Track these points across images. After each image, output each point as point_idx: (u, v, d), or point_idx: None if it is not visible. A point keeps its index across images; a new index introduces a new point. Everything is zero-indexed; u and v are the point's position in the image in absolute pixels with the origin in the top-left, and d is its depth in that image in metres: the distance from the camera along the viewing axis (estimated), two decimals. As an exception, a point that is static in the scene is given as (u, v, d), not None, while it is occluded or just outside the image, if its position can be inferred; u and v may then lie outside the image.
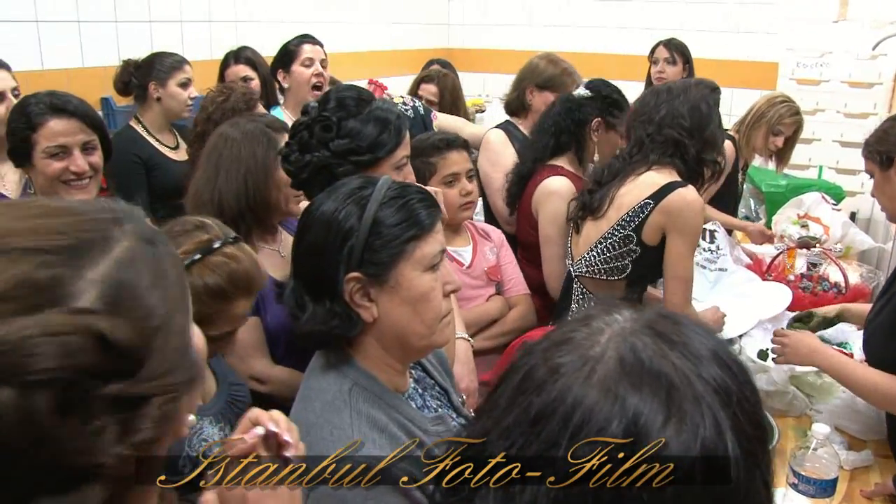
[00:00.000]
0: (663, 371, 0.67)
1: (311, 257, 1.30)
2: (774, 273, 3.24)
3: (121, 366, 0.58)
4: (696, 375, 0.68)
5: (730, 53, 5.37)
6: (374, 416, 1.28)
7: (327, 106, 1.84)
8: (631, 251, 2.32)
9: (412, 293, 1.30)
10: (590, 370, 0.69)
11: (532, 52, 3.52)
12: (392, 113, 1.87)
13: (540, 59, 3.33)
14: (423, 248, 1.31)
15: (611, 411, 0.65)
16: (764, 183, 4.09)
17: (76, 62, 3.57)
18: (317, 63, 3.39)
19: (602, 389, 0.67)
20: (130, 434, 0.58)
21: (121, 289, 0.60)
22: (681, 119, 2.30)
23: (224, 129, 2.18)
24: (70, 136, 2.07)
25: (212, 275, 1.49)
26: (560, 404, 0.67)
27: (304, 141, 1.82)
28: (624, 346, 0.70)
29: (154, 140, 3.25)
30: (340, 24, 5.17)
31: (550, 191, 2.72)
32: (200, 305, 1.47)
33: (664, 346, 0.70)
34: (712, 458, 0.64)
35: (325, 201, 1.32)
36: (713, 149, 2.35)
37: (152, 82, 3.22)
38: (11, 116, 2.11)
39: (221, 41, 4.11)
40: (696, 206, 2.26)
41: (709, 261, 3.10)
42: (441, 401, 1.52)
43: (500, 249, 2.64)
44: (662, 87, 2.44)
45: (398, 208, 1.30)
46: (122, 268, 0.61)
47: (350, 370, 1.33)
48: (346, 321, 1.29)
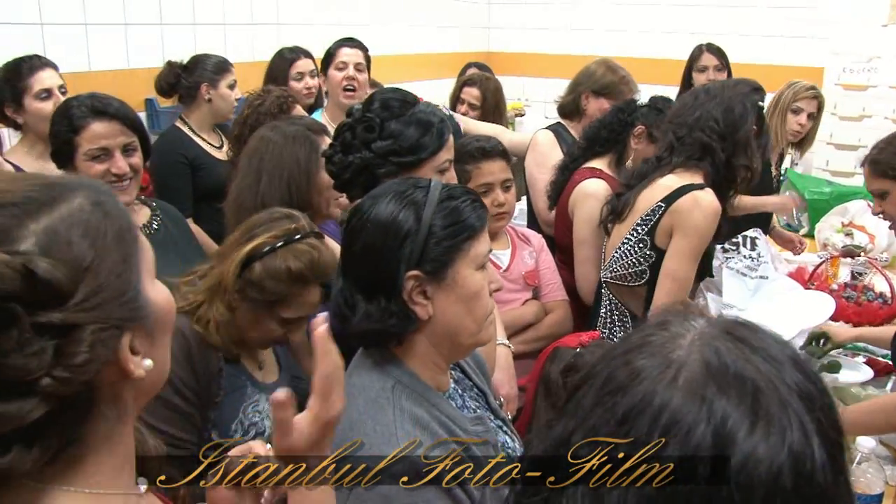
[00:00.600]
0: (748, 375, 0.67)
1: (367, 258, 1.32)
2: (817, 282, 3.18)
3: (48, 297, 0.70)
4: (780, 380, 0.68)
5: (772, 58, 5.29)
6: (416, 414, 1.29)
7: (371, 107, 1.86)
8: (647, 256, 2.29)
9: (467, 291, 1.33)
10: (675, 373, 0.69)
11: (571, 56, 3.52)
12: (435, 116, 1.89)
13: (598, 65, 3.31)
14: (476, 246, 1.34)
15: (698, 414, 0.66)
16: (807, 190, 4.02)
17: (122, 64, 3.63)
18: (350, 67, 3.41)
19: (688, 392, 0.67)
20: (66, 357, 0.70)
21: (55, 238, 0.72)
22: (712, 122, 2.25)
23: (265, 132, 2.19)
24: (111, 138, 2.09)
25: (295, 260, 1.61)
26: (647, 406, 0.68)
27: (346, 142, 1.84)
28: (708, 350, 0.70)
29: (200, 140, 3.30)
30: (380, 26, 5.20)
31: (587, 193, 2.71)
32: (280, 286, 1.61)
33: (746, 350, 0.70)
34: (800, 463, 0.64)
35: (377, 204, 1.33)
36: (745, 152, 2.28)
37: (205, 84, 3.27)
38: (54, 119, 2.14)
39: (264, 43, 4.16)
40: (707, 209, 2.20)
41: (749, 268, 3.05)
42: (479, 402, 1.53)
43: (539, 254, 2.62)
44: (701, 89, 2.39)
45: (454, 209, 1.33)
46: (61, 222, 0.74)
47: (393, 368, 1.35)
48: (404, 319, 1.31)
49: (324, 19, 4.70)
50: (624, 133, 2.78)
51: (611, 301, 2.47)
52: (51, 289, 0.70)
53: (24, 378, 0.68)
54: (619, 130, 2.78)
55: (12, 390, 0.68)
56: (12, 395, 0.68)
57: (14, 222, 0.72)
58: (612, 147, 2.81)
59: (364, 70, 3.49)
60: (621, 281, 2.38)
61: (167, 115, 3.64)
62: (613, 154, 2.81)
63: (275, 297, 1.63)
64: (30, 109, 2.65)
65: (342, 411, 0.99)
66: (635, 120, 2.75)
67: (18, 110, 2.66)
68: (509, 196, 2.49)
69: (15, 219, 0.72)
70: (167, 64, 3.33)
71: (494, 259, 2.49)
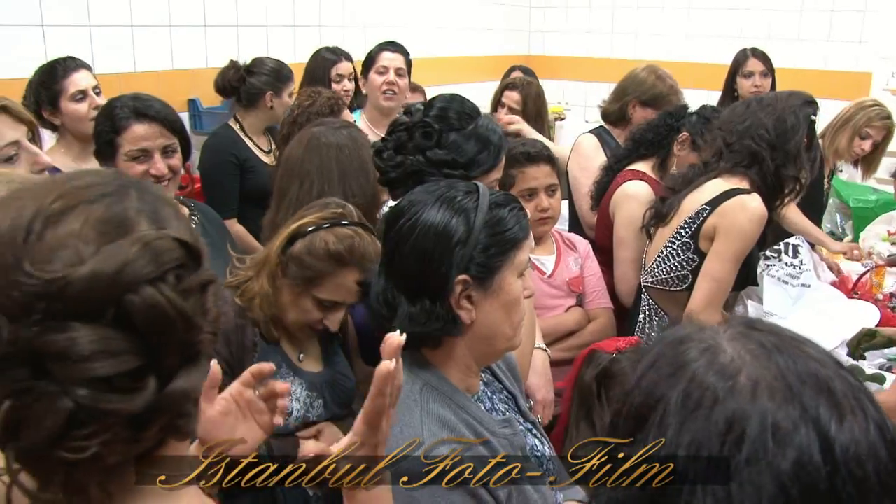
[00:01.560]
0: (814, 372, 0.71)
1: (416, 260, 1.32)
2: (861, 291, 3.11)
3: (194, 258, 0.74)
4: (836, 374, 0.72)
5: (817, 63, 5.21)
6: (443, 416, 1.31)
7: (430, 112, 1.87)
8: (689, 259, 2.27)
9: (508, 297, 1.36)
10: (752, 388, 0.71)
11: (613, 59, 3.50)
12: (495, 134, 1.89)
13: (647, 73, 3.28)
14: (520, 255, 1.37)
15: (797, 417, 0.69)
16: (852, 198, 3.94)
17: (166, 65, 3.69)
18: (391, 72, 3.43)
19: (779, 401, 0.70)
20: (209, 314, 0.75)
21: (157, 213, 0.76)
22: (763, 131, 2.23)
23: (315, 136, 2.17)
24: (151, 140, 2.12)
25: (335, 240, 1.69)
26: (745, 422, 0.70)
27: (400, 141, 1.86)
28: (758, 357, 0.73)
29: (251, 142, 3.34)
30: (422, 29, 5.21)
31: (628, 194, 2.71)
32: (318, 264, 1.67)
33: (794, 348, 0.74)
34: (886, 434, 0.69)
35: (426, 209, 1.34)
36: (795, 163, 2.25)
37: (270, 92, 3.32)
38: (98, 119, 2.17)
39: (305, 45, 4.20)
40: (753, 214, 2.17)
41: (791, 276, 3.00)
42: (509, 405, 1.54)
43: (584, 260, 2.60)
44: (754, 98, 2.38)
45: (502, 217, 1.35)
46: (152, 203, 0.77)
47: (421, 371, 1.37)
48: (449, 323, 1.33)
49: (365, 21, 4.73)
50: (669, 138, 2.77)
51: (650, 306, 2.44)
52: (197, 253, 0.75)
53: (208, 336, 0.74)
54: (666, 134, 2.78)
55: (195, 353, 0.74)
56: (196, 359, 0.74)
57: (123, 211, 0.74)
58: (656, 150, 2.80)
59: (405, 75, 3.50)
60: (662, 286, 2.36)
61: (210, 116, 3.70)
62: (658, 158, 2.80)
63: (311, 275, 1.68)
64: (66, 111, 2.69)
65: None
66: (682, 126, 2.74)
67: (55, 112, 2.70)
68: (554, 201, 2.47)
69: (122, 207, 0.74)
70: (231, 64, 3.37)
71: (539, 264, 2.48)
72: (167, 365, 0.70)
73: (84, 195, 0.73)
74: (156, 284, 0.69)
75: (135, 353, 0.68)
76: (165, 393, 0.70)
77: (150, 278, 0.69)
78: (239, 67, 3.35)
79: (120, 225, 0.72)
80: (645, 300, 2.46)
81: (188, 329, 0.71)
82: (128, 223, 0.73)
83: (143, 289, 0.68)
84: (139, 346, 0.68)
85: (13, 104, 1.77)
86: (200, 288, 0.74)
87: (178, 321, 0.70)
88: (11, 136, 1.73)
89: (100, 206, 0.73)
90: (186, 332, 0.71)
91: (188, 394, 0.73)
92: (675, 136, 2.76)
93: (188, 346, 0.72)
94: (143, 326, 0.68)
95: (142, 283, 0.69)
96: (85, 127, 2.56)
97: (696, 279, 2.27)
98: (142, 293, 0.68)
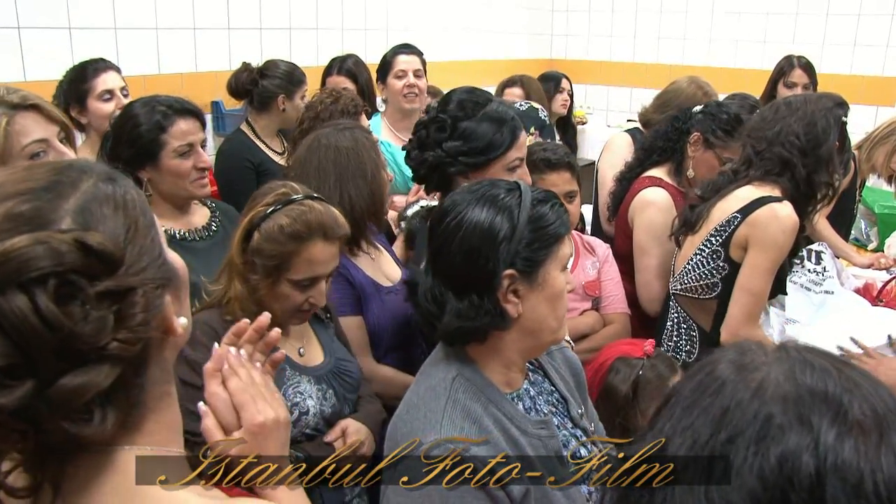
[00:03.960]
0: (830, 388, 0.70)
1: (464, 257, 1.36)
2: (886, 299, 3.08)
3: (103, 265, 0.74)
4: (864, 398, 0.70)
5: (844, 68, 5.16)
6: (469, 408, 1.34)
7: (445, 107, 1.95)
8: (720, 268, 2.24)
9: (553, 290, 1.39)
10: (760, 385, 0.72)
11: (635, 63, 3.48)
12: (507, 114, 1.95)
13: (688, 83, 3.26)
14: (562, 248, 1.40)
15: (793, 419, 0.69)
16: (877, 204, 3.90)
17: (190, 67, 3.73)
18: (409, 74, 3.43)
19: (781, 403, 0.70)
20: (127, 319, 0.75)
21: (90, 214, 0.77)
22: (793, 137, 2.18)
23: (327, 139, 2.15)
24: (194, 134, 2.18)
25: (289, 220, 1.64)
26: (740, 411, 0.71)
27: (422, 139, 1.97)
28: (789, 363, 0.74)
29: (264, 146, 3.35)
30: (443, 32, 5.23)
31: (647, 201, 2.69)
32: (278, 247, 1.64)
33: (828, 365, 0.74)
34: None
35: (470, 208, 1.38)
36: (827, 168, 2.21)
37: (282, 95, 3.32)
38: (140, 119, 2.16)
39: (328, 48, 4.22)
40: (786, 223, 2.14)
41: (814, 283, 2.97)
42: (556, 408, 1.54)
43: (602, 265, 2.59)
44: (783, 102, 2.32)
45: (545, 212, 1.38)
46: (90, 199, 0.78)
47: (457, 361, 1.41)
48: (497, 317, 1.36)
49: (388, 25, 4.75)
50: (681, 141, 2.75)
51: (679, 314, 2.42)
52: (105, 258, 0.74)
53: (95, 345, 0.72)
54: (676, 139, 2.76)
55: (86, 359, 0.72)
56: (87, 364, 0.72)
57: (48, 205, 0.75)
58: (670, 156, 2.78)
59: (422, 75, 3.51)
60: (692, 294, 2.34)
61: (233, 118, 3.72)
62: (672, 163, 2.78)
63: (277, 261, 1.66)
64: (92, 109, 2.74)
65: (271, 416, 1.09)
66: (691, 127, 2.72)
67: (82, 111, 2.75)
68: (573, 207, 2.47)
69: (48, 202, 0.76)
70: (244, 67, 3.38)
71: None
72: (45, 367, 0.70)
73: (19, 188, 0.76)
74: (28, 288, 0.69)
75: (6, 353, 0.69)
76: (48, 392, 0.70)
77: (22, 281, 0.69)
78: (252, 70, 3.35)
79: (29, 222, 0.73)
80: (673, 307, 2.44)
81: (67, 337, 0.70)
82: (40, 221, 0.74)
83: (10, 293, 0.68)
84: (10, 346, 0.69)
85: (46, 104, 1.79)
86: (104, 295, 0.73)
87: (44, 330, 0.69)
88: (40, 134, 1.74)
89: (24, 201, 0.75)
90: (65, 339, 0.70)
91: (76, 395, 0.72)
92: (685, 139, 2.73)
93: (72, 351, 0.71)
94: (7, 330, 0.69)
95: (11, 286, 0.69)
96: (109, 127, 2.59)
97: (725, 288, 2.25)
98: (8, 297, 0.68)
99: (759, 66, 5.42)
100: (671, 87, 3.32)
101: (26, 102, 1.73)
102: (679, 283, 2.37)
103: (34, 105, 1.75)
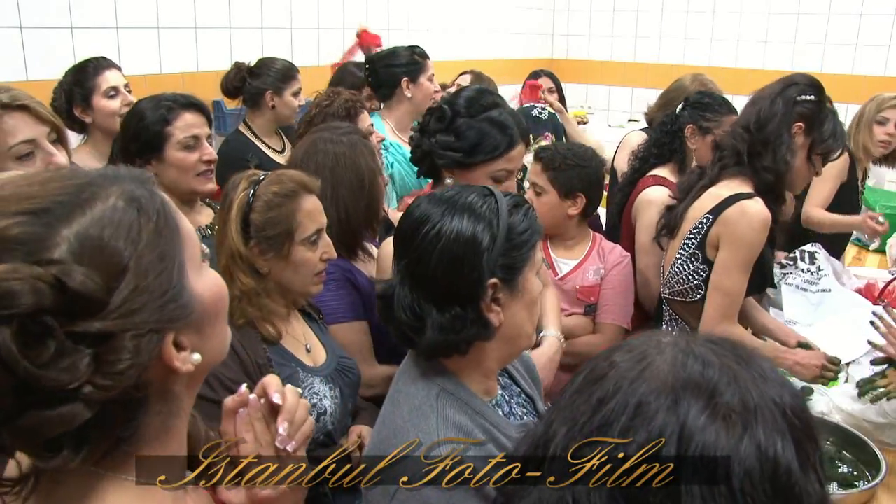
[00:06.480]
0: (711, 376, 0.73)
1: (445, 268, 1.31)
2: (888, 299, 3.07)
3: (82, 307, 0.69)
4: (749, 383, 0.73)
5: (846, 68, 5.16)
6: (459, 422, 1.30)
7: (455, 100, 2.00)
8: (700, 270, 2.23)
9: (532, 296, 1.37)
10: (640, 373, 0.74)
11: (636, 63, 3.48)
12: (509, 123, 1.95)
13: (693, 83, 3.26)
14: (537, 253, 1.38)
15: (666, 410, 0.71)
16: (879, 204, 3.90)
17: (191, 66, 3.74)
18: (434, 79, 3.39)
19: (657, 389, 0.72)
20: (106, 365, 0.70)
21: (89, 243, 0.71)
22: (741, 127, 2.19)
23: (324, 143, 2.15)
24: (199, 127, 2.21)
25: (273, 186, 1.72)
26: (617, 393, 0.74)
27: (424, 125, 2.02)
28: (679, 350, 0.76)
29: (262, 144, 3.34)
30: (447, 32, 5.23)
31: (649, 200, 2.70)
32: (282, 210, 1.70)
33: (721, 354, 0.75)
34: (765, 458, 0.69)
35: (447, 217, 1.33)
36: (768, 149, 2.16)
37: (269, 91, 3.30)
38: (146, 113, 2.19)
39: (329, 48, 4.22)
40: (754, 219, 2.11)
41: (809, 283, 2.97)
42: (527, 408, 1.53)
43: (609, 272, 2.49)
44: (756, 94, 2.29)
45: (521, 217, 1.36)
46: (94, 225, 0.72)
47: (438, 377, 1.36)
48: (481, 327, 1.32)
49: (390, 25, 4.75)
50: (675, 142, 2.77)
51: (671, 316, 2.42)
52: (85, 300, 0.69)
53: (63, 388, 0.68)
54: (670, 142, 2.77)
55: (55, 397, 0.68)
56: (56, 402, 0.68)
57: (46, 230, 0.70)
58: (670, 157, 2.80)
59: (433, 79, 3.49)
60: (679, 297, 2.34)
61: (234, 118, 3.72)
62: (676, 161, 2.80)
63: (285, 225, 1.71)
64: (97, 107, 2.73)
65: None
66: (682, 125, 2.75)
67: (87, 110, 2.73)
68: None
69: (47, 226, 0.70)
70: (234, 65, 3.37)
71: (556, 265, 2.47)
72: (3, 402, 0.67)
73: (21, 206, 0.71)
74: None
75: None
76: (7, 427, 0.68)
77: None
78: (241, 68, 3.33)
79: (20, 247, 0.69)
80: (665, 310, 2.44)
81: (28, 377, 0.66)
82: (29, 248, 0.69)
83: None
84: None
85: (36, 104, 1.77)
86: (81, 338, 0.69)
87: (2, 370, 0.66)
88: (28, 135, 1.72)
89: (19, 223, 0.70)
90: (27, 379, 0.66)
91: (35, 433, 0.69)
92: (681, 137, 2.75)
93: (37, 390, 0.67)
94: None
95: None
96: (116, 124, 2.59)
97: (707, 288, 2.24)
98: None
99: (761, 67, 5.43)
100: (675, 84, 3.33)
101: (15, 102, 1.72)
102: (667, 286, 2.37)
103: (23, 105, 1.73)
